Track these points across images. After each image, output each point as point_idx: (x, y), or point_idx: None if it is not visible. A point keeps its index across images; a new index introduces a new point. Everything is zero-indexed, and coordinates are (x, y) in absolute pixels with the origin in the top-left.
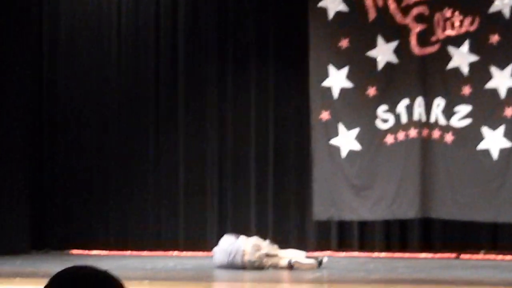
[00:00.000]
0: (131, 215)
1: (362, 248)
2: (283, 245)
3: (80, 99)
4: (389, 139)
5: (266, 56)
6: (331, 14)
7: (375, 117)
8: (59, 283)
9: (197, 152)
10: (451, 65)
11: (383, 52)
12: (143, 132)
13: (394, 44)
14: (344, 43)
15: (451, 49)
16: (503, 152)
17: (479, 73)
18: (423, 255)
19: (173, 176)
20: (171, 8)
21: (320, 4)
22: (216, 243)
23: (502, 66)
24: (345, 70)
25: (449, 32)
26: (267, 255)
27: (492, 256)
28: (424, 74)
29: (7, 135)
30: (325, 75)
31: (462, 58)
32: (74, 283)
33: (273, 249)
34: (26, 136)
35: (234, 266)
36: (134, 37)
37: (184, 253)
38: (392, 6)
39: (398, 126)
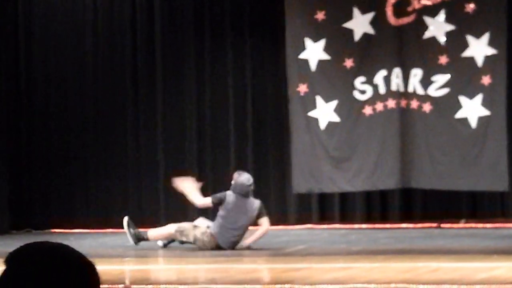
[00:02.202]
0: (112, 192)
1: (343, 220)
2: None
3: (57, 72)
4: (368, 110)
5: (242, 28)
6: None
7: (353, 88)
8: (17, 261)
9: (176, 127)
10: (427, 34)
11: (360, 24)
12: (121, 108)
13: (370, 15)
14: (320, 15)
15: (427, 19)
16: (481, 120)
17: (456, 42)
18: (404, 225)
19: (152, 152)
20: None
21: None
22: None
23: (478, 35)
24: (321, 43)
25: (425, 1)
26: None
27: (472, 225)
28: (400, 45)
29: None
30: (302, 48)
31: (438, 27)
32: (32, 259)
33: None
34: (4, 117)
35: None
36: (110, 14)
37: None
38: None
39: (376, 97)
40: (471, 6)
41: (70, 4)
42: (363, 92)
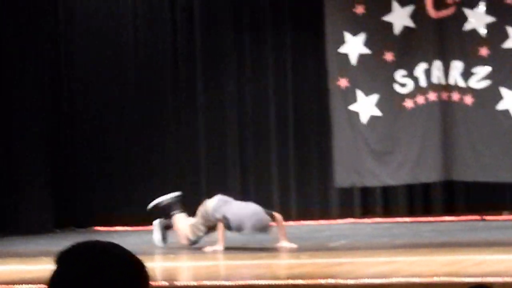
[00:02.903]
0: (154, 189)
1: (385, 213)
2: (308, 215)
3: (98, 75)
4: (409, 103)
5: (282, 23)
6: None
7: (394, 82)
8: (68, 260)
9: (217, 123)
10: (467, 26)
11: (399, 17)
12: (162, 105)
13: (409, 8)
14: (359, 9)
15: (467, 11)
16: None
17: (496, 33)
18: (447, 218)
19: (193, 149)
20: None
21: None
22: None
23: None
24: (361, 36)
25: None
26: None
27: None
28: (441, 37)
29: (26, 113)
30: (342, 42)
31: (478, 19)
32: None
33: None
34: (46, 115)
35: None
36: (150, 13)
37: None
38: None
39: (417, 90)
40: None
41: (109, 9)
42: (403, 85)
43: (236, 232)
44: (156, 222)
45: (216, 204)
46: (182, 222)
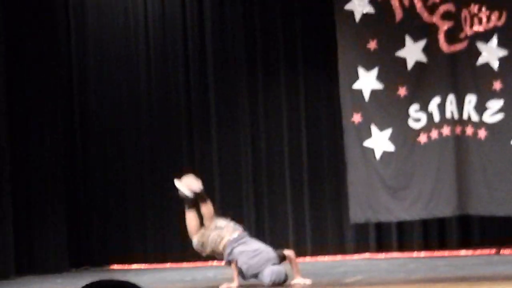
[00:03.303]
0: (168, 227)
1: (401, 248)
2: (323, 251)
3: (112, 113)
4: (423, 138)
5: (295, 60)
6: (358, 16)
7: (407, 116)
8: None
9: (231, 160)
10: (480, 60)
11: (412, 52)
12: (176, 144)
13: (422, 43)
14: (372, 44)
15: (480, 45)
16: None
17: (509, 67)
18: (463, 252)
19: (208, 186)
20: (198, 20)
21: (347, 7)
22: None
23: None
24: (374, 72)
25: (477, 28)
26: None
27: None
28: (454, 71)
29: (43, 153)
30: (355, 77)
31: (491, 53)
32: None
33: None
34: (61, 154)
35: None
36: (163, 53)
37: (223, 263)
38: (418, 5)
39: (431, 124)
40: None
41: (124, 50)
42: (417, 120)
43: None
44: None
45: (233, 241)
46: (193, 222)
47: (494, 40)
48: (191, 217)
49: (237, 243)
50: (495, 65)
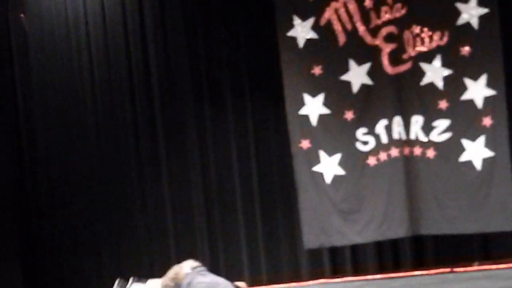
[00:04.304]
0: (123, 256)
1: (356, 271)
2: (278, 278)
3: (60, 149)
4: (372, 160)
5: (241, 86)
6: (301, 42)
7: (356, 140)
8: None
9: (182, 193)
10: (425, 80)
11: (357, 75)
12: (127, 177)
13: (366, 66)
14: (317, 70)
15: (424, 65)
16: (486, 161)
17: (454, 86)
18: (418, 272)
19: (160, 217)
20: (142, 50)
21: (290, 33)
22: None
23: (475, 77)
24: (321, 97)
25: (420, 48)
26: None
27: (485, 266)
28: (399, 93)
29: None
30: (302, 104)
31: (435, 72)
32: None
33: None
34: (11, 186)
35: None
36: (108, 91)
37: None
38: (361, 28)
39: (379, 147)
40: (466, 49)
41: (68, 80)
42: (365, 143)
43: None
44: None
45: (192, 273)
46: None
47: (438, 60)
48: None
49: (196, 274)
50: (440, 84)
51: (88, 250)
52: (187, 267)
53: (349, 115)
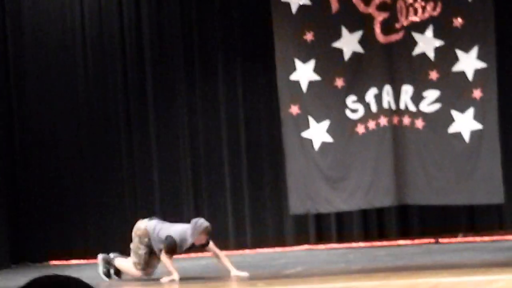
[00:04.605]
0: (109, 222)
1: (340, 239)
2: (263, 243)
3: (51, 109)
4: (360, 129)
5: (233, 52)
6: (294, 8)
7: (345, 108)
8: None
9: (169, 154)
10: (416, 51)
11: (348, 43)
12: (115, 139)
13: (358, 34)
14: (309, 36)
15: (416, 35)
16: (474, 134)
17: (445, 57)
18: (402, 242)
19: (147, 180)
20: (134, 14)
21: None
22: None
23: (467, 49)
24: (311, 63)
25: (413, 18)
26: None
27: (470, 238)
28: (390, 62)
29: None
30: (292, 69)
31: (427, 43)
32: None
33: None
34: None
35: None
36: (100, 52)
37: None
38: None
39: (368, 115)
40: (459, 21)
41: (60, 43)
42: (355, 111)
43: (180, 249)
44: (100, 257)
45: (151, 226)
46: (124, 260)
47: (430, 30)
48: (120, 261)
49: (157, 223)
50: (431, 55)
51: (73, 216)
52: (142, 222)
53: (339, 82)
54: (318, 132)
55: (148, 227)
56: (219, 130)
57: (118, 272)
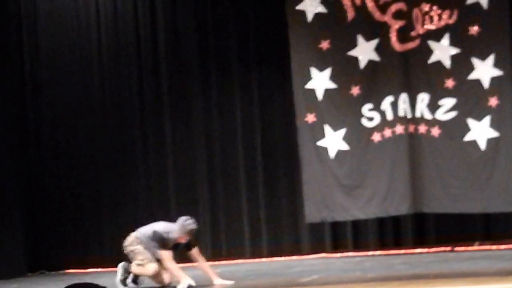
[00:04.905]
0: (125, 230)
1: (356, 247)
2: (279, 251)
3: (67, 119)
4: (376, 137)
5: (248, 61)
6: (310, 16)
7: (361, 116)
8: None
9: (186, 163)
10: (432, 59)
11: (364, 51)
12: (131, 147)
13: (374, 42)
14: (325, 44)
15: (432, 43)
16: (490, 142)
17: (461, 65)
18: (418, 250)
19: (163, 188)
20: (150, 19)
21: (298, 7)
22: (210, 253)
23: (483, 57)
24: (327, 71)
25: (429, 26)
26: None
27: (486, 247)
28: (406, 70)
29: None
30: (308, 77)
31: (443, 51)
32: None
33: None
34: (15, 159)
35: None
36: (116, 60)
37: (179, 265)
38: (370, 4)
39: (384, 123)
40: (475, 29)
41: (77, 51)
42: (371, 119)
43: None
44: (120, 265)
45: (141, 233)
46: (134, 264)
47: (446, 38)
48: (135, 268)
49: (142, 228)
50: (447, 63)
51: (89, 224)
52: (131, 236)
53: (355, 90)
54: (334, 140)
55: (135, 234)
56: (235, 138)
57: (135, 280)
